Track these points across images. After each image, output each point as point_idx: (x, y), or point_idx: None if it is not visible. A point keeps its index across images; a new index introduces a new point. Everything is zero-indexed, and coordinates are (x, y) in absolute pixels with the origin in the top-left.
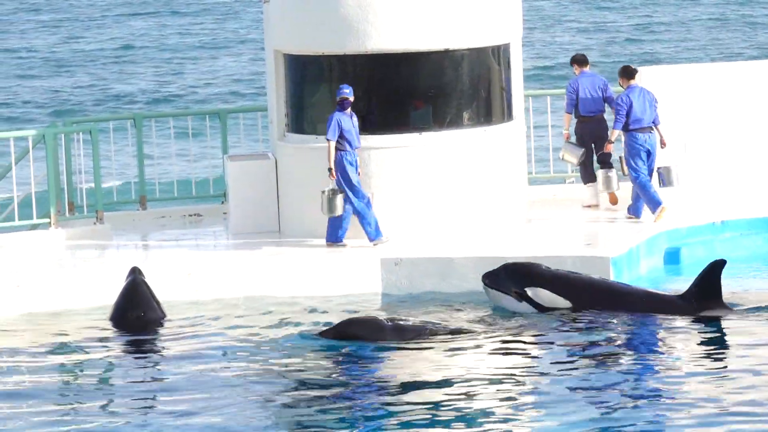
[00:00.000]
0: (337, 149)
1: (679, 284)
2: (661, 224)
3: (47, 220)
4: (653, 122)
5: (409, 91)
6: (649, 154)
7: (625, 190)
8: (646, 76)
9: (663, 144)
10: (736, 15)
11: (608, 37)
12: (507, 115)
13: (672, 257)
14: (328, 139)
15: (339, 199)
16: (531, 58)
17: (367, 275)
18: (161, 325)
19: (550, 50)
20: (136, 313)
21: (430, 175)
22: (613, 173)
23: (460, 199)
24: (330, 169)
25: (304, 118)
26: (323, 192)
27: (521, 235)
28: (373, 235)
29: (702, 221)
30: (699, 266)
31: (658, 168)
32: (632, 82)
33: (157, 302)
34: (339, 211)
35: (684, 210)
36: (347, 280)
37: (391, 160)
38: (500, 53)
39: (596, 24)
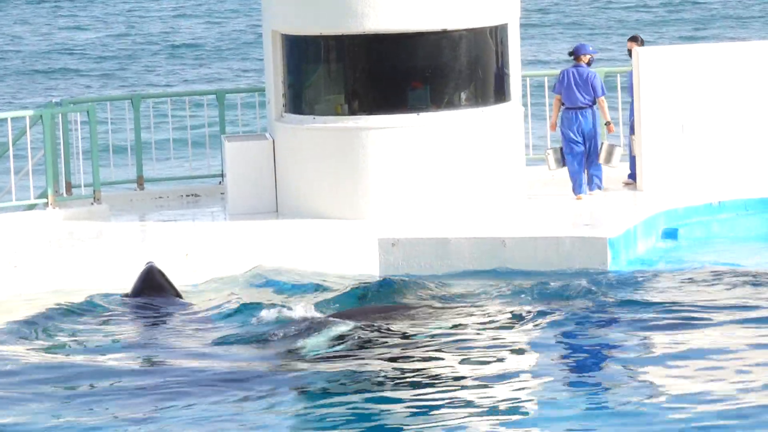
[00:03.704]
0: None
1: (677, 264)
2: (659, 204)
3: (45, 200)
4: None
5: (406, 72)
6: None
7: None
8: (642, 57)
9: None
10: None
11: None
12: (504, 95)
13: (669, 237)
14: (603, 95)
15: (617, 150)
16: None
17: (365, 256)
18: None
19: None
20: (154, 293)
21: (427, 155)
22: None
23: (458, 179)
24: (608, 123)
25: (301, 98)
26: (602, 144)
27: (518, 215)
28: (578, 190)
29: (699, 202)
30: (696, 246)
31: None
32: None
33: (173, 287)
34: (616, 162)
35: (681, 190)
36: (345, 261)
37: (389, 141)
38: (498, 34)
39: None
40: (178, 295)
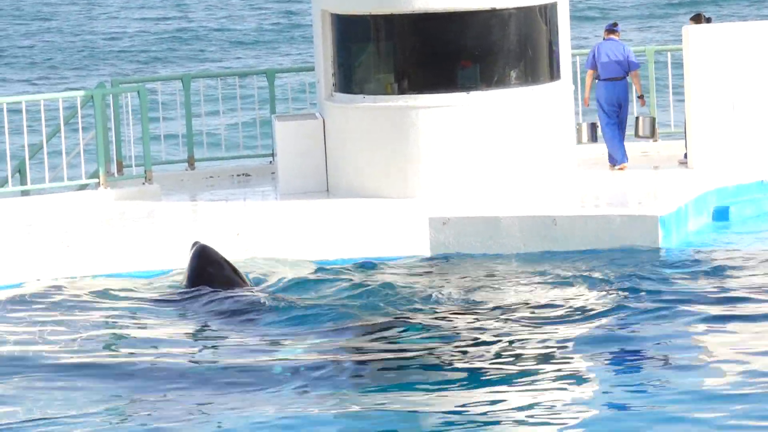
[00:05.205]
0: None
1: (729, 242)
2: (710, 182)
3: (96, 180)
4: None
5: (456, 51)
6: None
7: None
8: (692, 36)
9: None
10: None
11: None
12: (554, 74)
13: (720, 215)
14: (638, 68)
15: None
16: None
17: (416, 235)
18: (236, 283)
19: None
20: (214, 269)
21: (477, 134)
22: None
23: (508, 158)
24: (642, 96)
25: (351, 78)
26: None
27: (569, 194)
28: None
29: (750, 179)
30: (747, 225)
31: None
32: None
33: (228, 263)
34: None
35: (732, 168)
36: (396, 240)
37: (439, 120)
38: (547, 12)
39: None
40: (235, 271)
